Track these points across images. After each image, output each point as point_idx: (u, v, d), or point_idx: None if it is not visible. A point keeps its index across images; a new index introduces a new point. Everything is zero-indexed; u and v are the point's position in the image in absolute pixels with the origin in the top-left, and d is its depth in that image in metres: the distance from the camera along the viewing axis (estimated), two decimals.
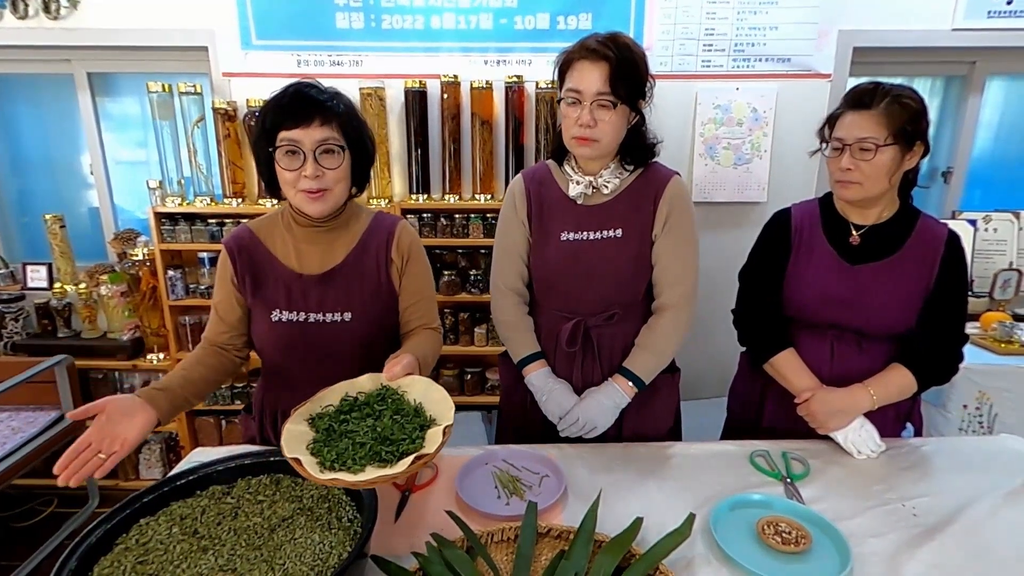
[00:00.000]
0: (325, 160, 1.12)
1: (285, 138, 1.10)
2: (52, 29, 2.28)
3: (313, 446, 0.94)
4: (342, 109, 1.14)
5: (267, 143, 1.12)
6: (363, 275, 1.24)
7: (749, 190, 2.35)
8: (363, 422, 0.97)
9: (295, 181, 1.12)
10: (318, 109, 1.10)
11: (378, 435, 0.93)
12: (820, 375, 1.33)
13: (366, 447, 0.91)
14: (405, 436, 0.93)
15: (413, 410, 1.00)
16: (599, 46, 1.18)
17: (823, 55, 2.23)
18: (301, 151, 1.10)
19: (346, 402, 1.03)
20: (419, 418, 0.98)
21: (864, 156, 1.21)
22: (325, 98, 1.12)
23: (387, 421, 0.96)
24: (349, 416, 0.99)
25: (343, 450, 0.91)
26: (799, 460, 1.26)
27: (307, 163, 1.10)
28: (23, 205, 2.73)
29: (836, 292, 1.31)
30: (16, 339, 2.43)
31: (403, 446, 0.91)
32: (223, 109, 2.24)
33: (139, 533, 0.97)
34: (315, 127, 1.10)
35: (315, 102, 1.11)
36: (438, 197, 2.35)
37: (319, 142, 1.10)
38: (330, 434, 0.96)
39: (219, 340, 1.25)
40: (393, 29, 2.23)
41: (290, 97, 1.11)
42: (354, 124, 1.17)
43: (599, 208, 1.32)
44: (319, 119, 1.10)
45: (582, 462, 1.26)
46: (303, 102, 1.10)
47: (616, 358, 1.36)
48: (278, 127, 1.10)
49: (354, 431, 0.95)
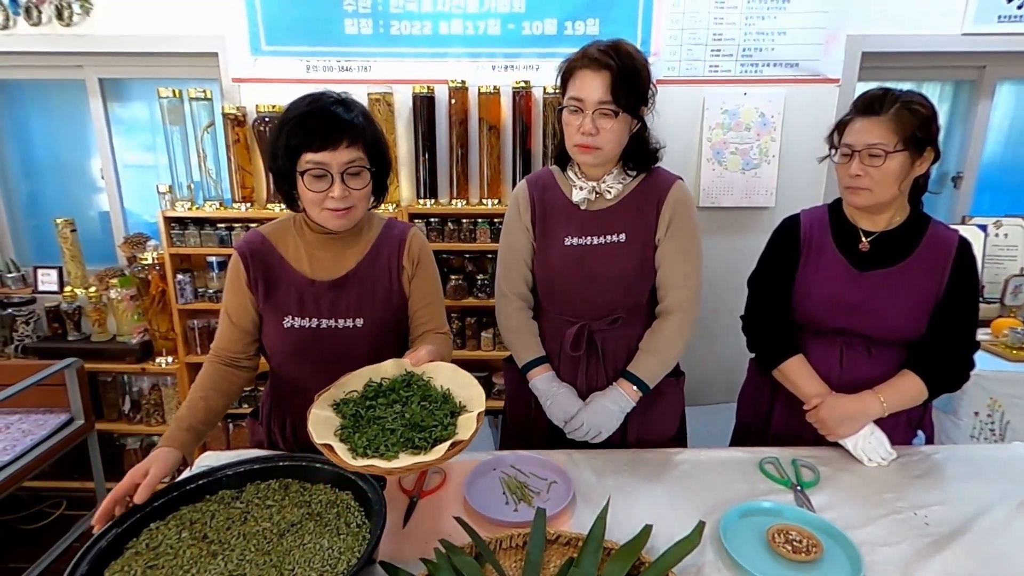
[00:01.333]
0: (352, 181, 1.11)
1: (312, 161, 1.08)
2: (64, 35, 2.30)
3: (341, 432, 0.93)
4: (367, 128, 1.13)
5: (290, 162, 1.10)
6: (375, 281, 1.24)
7: (757, 195, 2.34)
8: (391, 408, 0.96)
9: (320, 201, 1.11)
10: (346, 131, 1.08)
11: (408, 421, 0.92)
12: (829, 381, 1.32)
13: (397, 433, 0.90)
14: (436, 423, 0.92)
15: (442, 396, 0.99)
16: (601, 55, 1.19)
17: (831, 60, 2.23)
18: (329, 174, 1.09)
19: (371, 388, 1.02)
20: (448, 404, 0.98)
21: (873, 162, 1.21)
22: (351, 118, 1.10)
23: (416, 407, 0.95)
24: (375, 402, 0.98)
25: (373, 436, 0.90)
26: (809, 467, 1.26)
27: (335, 185, 1.09)
28: (34, 209, 2.76)
29: (845, 298, 1.30)
30: (27, 342, 2.45)
31: (435, 433, 0.91)
32: (233, 114, 2.25)
33: (149, 537, 0.97)
34: (342, 149, 1.08)
35: (342, 124, 1.08)
36: (445, 202, 2.35)
37: (346, 164, 1.09)
38: (358, 420, 0.95)
39: (231, 349, 1.24)
40: (402, 35, 2.24)
41: (317, 119, 1.08)
42: (378, 142, 1.16)
43: (602, 213, 1.32)
44: (346, 140, 1.08)
45: (590, 468, 1.25)
46: (331, 124, 1.08)
47: (620, 362, 1.36)
48: (304, 148, 1.08)
49: (383, 417, 0.94)
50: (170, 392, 2.51)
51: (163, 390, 2.52)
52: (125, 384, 2.56)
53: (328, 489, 1.11)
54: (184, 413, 1.16)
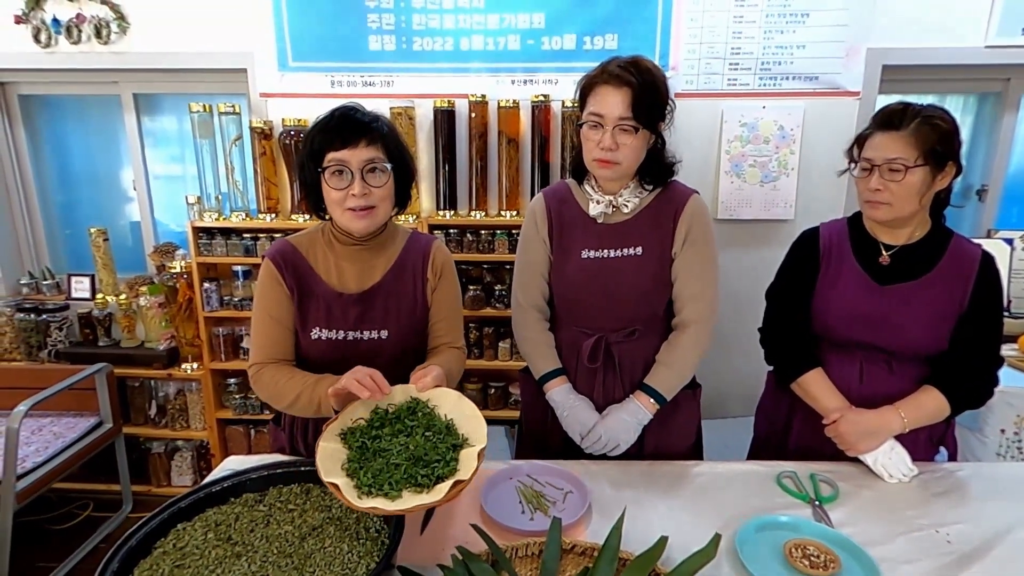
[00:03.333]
0: (371, 179, 1.16)
1: (333, 159, 1.14)
2: (102, 53, 2.40)
3: (348, 466, 0.96)
4: (386, 130, 1.19)
5: (315, 164, 1.17)
6: (400, 293, 1.27)
7: (776, 208, 2.33)
8: (395, 439, 0.99)
9: (342, 200, 1.16)
10: (364, 130, 1.15)
11: (411, 455, 0.95)
12: (849, 396, 1.31)
13: (401, 468, 0.93)
14: (439, 458, 0.95)
15: (444, 427, 1.02)
16: (621, 71, 1.20)
17: (852, 73, 2.22)
18: (348, 170, 1.14)
19: (377, 415, 1.05)
20: (451, 437, 1.00)
21: (893, 177, 1.21)
22: (369, 120, 1.17)
23: (419, 439, 0.98)
24: (381, 432, 1.01)
25: (378, 471, 0.93)
26: (828, 482, 1.25)
27: (355, 182, 1.15)
28: (69, 218, 2.86)
29: (865, 312, 1.29)
30: (60, 347, 2.53)
31: (438, 469, 0.93)
32: (260, 128, 2.32)
33: (176, 538, 1.00)
34: (361, 147, 1.14)
35: (361, 124, 1.16)
36: (465, 213, 2.38)
37: (365, 161, 1.15)
38: (364, 452, 0.98)
39: (281, 352, 1.24)
40: (424, 51, 2.30)
41: (337, 120, 1.16)
42: (397, 144, 1.22)
43: (619, 226, 1.33)
44: (365, 140, 1.15)
45: (606, 479, 1.26)
46: (350, 124, 1.15)
47: (637, 374, 1.36)
48: (326, 148, 1.15)
49: (387, 449, 0.97)
50: (195, 397, 2.57)
51: (188, 395, 2.58)
52: (152, 389, 2.63)
53: None
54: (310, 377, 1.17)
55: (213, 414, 2.52)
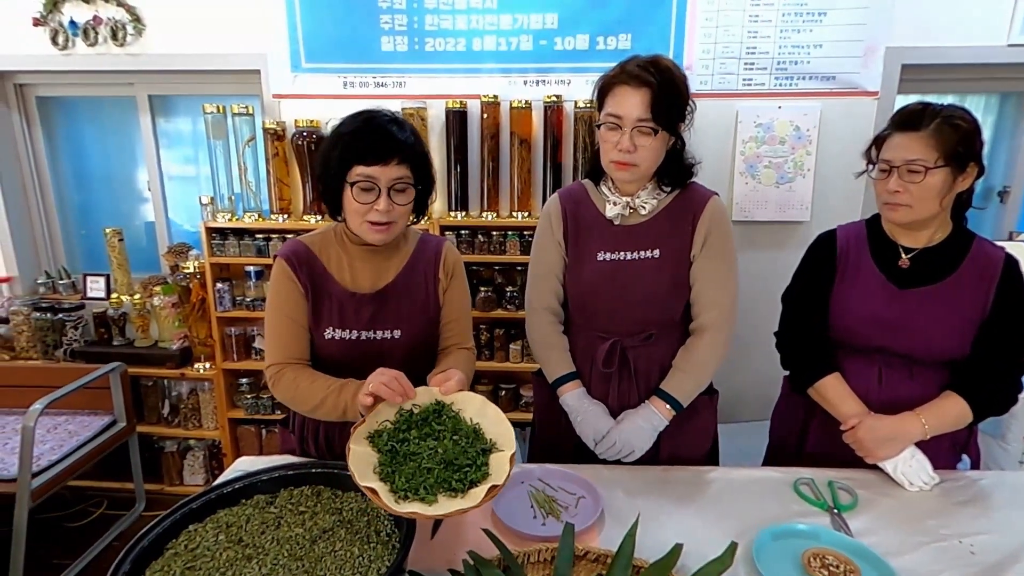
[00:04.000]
0: (397, 197, 1.16)
1: (362, 174, 1.13)
2: (119, 55, 2.42)
3: (380, 470, 0.96)
4: (417, 149, 1.18)
5: (341, 173, 1.15)
6: (412, 293, 1.27)
7: (791, 209, 2.30)
8: (424, 443, 0.99)
9: (365, 212, 1.15)
10: (398, 149, 1.13)
11: (442, 458, 0.95)
12: (868, 401, 1.29)
13: (433, 472, 0.93)
14: (470, 462, 0.95)
15: (472, 431, 1.01)
16: (641, 71, 1.18)
17: (870, 72, 2.18)
18: (377, 187, 1.14)
19: (402, 417, 1.04)
20: (480, 441, 1.00)
21: (913, 178, 1.18)
22: (404, 137, 1.15)
23: (448, 443, 0.98)
24: (408, 435, 1.01)
25: (411, 475, 0.93)
26: (846, 490, 1.22)
27: (380, 199, 1.14)
28: (85, 218, 2.90)
29: (884, 316, 1.27)
30: (75, 346, 2.55)
31: (470, 473, 0.93)
32: (273, 129, 2.33)
33: (188, 539, 1.00)
34: (392, 166, 1.13)
35: (396, 142, 1.13)
36: (476, 214, 2.38)
37: (394, 180, 1.14)
38: (394, 456, 0.97)
39: (301, 352, 1.24)
40: (436, 51, 2.29)
41: (373, 135, 1.13)
42: (423, 160, 1.21)
43: (636, 228, 1.32)
44: (397, 159, 1.13)
45: (619, 484, 1.24)
46: (385, 141, 1.13)
47: (653, 379, 1.34)
48: (356, 161, 1.13)
49: (417, 453, 0.97)
50: (207, 397, 2.58)
51: (200, 395, 2.59)
52: (165, 388, 2.65)
53: (359, 497, 1.12)
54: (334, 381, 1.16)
55: (225, 414, 2.53)
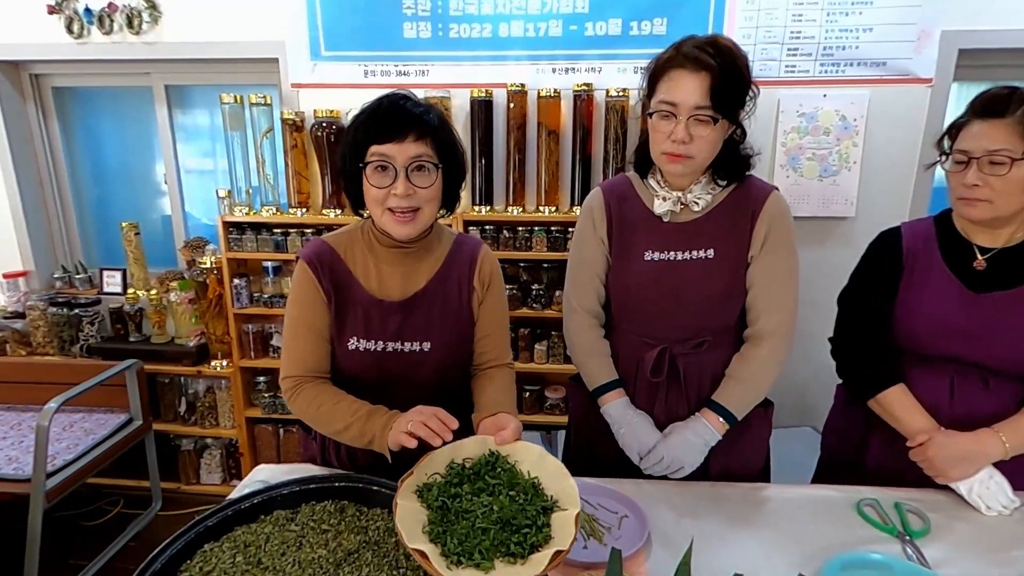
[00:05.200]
0: (417, 178, 1.04)
1: (376, 152, 1.03)
2: (134, 44, 2.36)
3: (430, 528, 0.86)
4: (437, 123, 1.07)
5: (357, 157, 1.06)
6: (445, 303, 1.17)
7: (835, 204, 2.17)
8: (478, 499, 0.89)
9: (383, 199, 1.05)
10: (413, 123, 1.03)
11: (498, 517, 0.86)
12: (937, 416, 1.18)
13: (489, 533, 0.83)
14: (529, 522, 0.85)
15: (530, 486, 0.92)
16: (700, 53, 1.07)
17: (924, 58, 2.04)
18: (392, 167, 1.03)
19: (453, 470, 0.95)
20: (539, 498, 0.90)
21: (996, 171, 1.07)
22: (420, 111, 1.05)
23: (505, 500, 0.88)
24: (460, 490, 0.92)
25: (464, 536, 0.84)
26: (916, 513, 1.11)
27: (398, 180, 1.03)
28: (102, 212, 2.85)
29: (957, 323, 1.16)
30: (91, 342, 2.51)
31: (530, 535, 0.83)
32: (291, 120, 2.25)
33: (203, 560, 0.93)
34: (409, 142, 1.03)
35: (410, 115, 1.04)
36: (501, 209, 2.29)
37: (412, 158, 1.03)
38: (445, 513, 0.88)
39: (322, 365, 1.15)
40: (460, 38, 2.19)
41: (384, 109, 1.04)
42: (448, 140, 1.10)
43: (688, 226, 1.21)
44: (414, 134, 1.03)
45: (665, 502, 1.15)
46: (397, 115, 1.04)
47: (704, 390, 1.24)
48: (370, 141, 1.04)
49: (471, 511, 0.87)
50: (224, 395, 2.53)
51: (217, 393, 2.54)
52: (181, 386, 2.60)
53: (385, 515, 1.05)
54: (373, 406, 1.08)
55: (242, 412, 2.48)
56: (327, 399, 1.11)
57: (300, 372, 1.14)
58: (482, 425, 1.04)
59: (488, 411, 1.09)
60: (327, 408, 1.10)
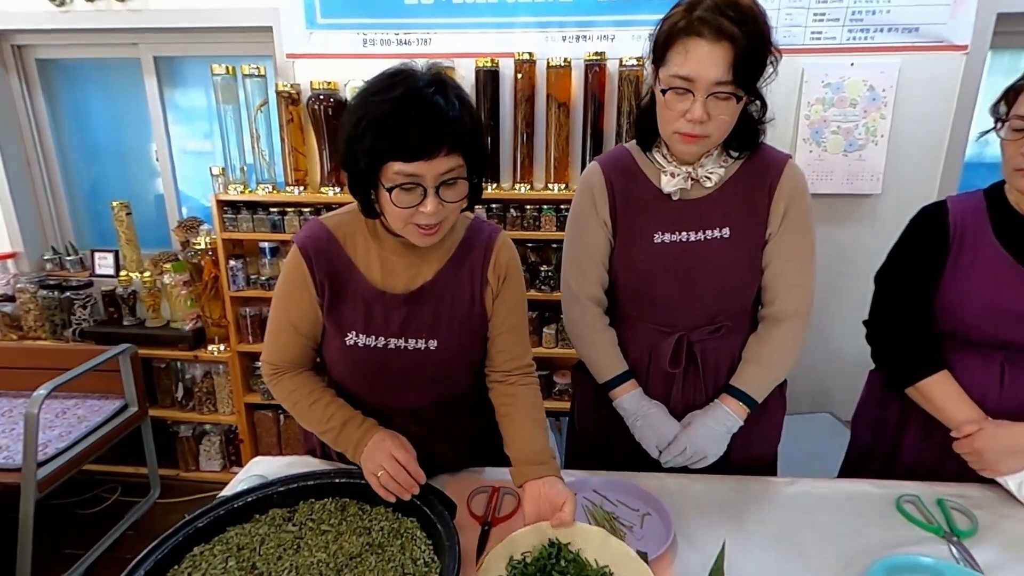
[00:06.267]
0: (447, 193, 0.90)
1: (402, 173, 0.85)
2: (120, 11, 2.24)
3: None
4: (468, 125, 0.89)
5: (373, 168, 0.88)
6: (454, 297, 1.04)
7: (861, 180, 2.06)
8: None
9: (409, 217, 0.90)
10: (445, 137, 0.85)
11: None
12: (984, 406, 1.09)
13: None
14: None
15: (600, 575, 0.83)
16: (720, 18, 0.91)
17: (959, 23, 1.91)
18: (422, 187, 0.88)
19: (516, 570, 0.85)
20: None
21: None
22: (453, 115, 0.86)
23: None
24: None
25: None
26: (961, 511, 1.04)
27: (427, 200, 0.88)
28: (93, 191, 2.75)
29: (1012, 305, 1.06)
30: (84, 326, 2.43)
31: None
32: (287, 92, 2.14)
33: (192, 565, 0.86)
34: (440, 158, 0.86)
35: (443, 124, 0.85)
36: (508, 186, 2.18)
37: (443, 176, 0.88)
38: None
39: (300, 361, 1.08)
40: (465, 4, 2.07)
41: (411, 120, 0.84)
42: (481, 145, 0.94)
43: (700, 203, 1.10)
44: (445, 149, 0.85)
45: (687, 498, 1.07)
46: (428, 128, 0.84)
47: (722, 376, 1.16)
48: (391, 157, 0.85)
49: None
50: (222, 380, 2.45)
51: (215, 378, 2.46)
52: (178, 371, 2.52)
53: (389, 514, 0.97)
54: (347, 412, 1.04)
55: (241, 398, 2.40)
56: (302, 397, 1.05)
57: (279, 361, 1.07)
58: (528, 493, 0.94)
59: (523, 456, 1.00)
60: (301, 407, 1.05)
